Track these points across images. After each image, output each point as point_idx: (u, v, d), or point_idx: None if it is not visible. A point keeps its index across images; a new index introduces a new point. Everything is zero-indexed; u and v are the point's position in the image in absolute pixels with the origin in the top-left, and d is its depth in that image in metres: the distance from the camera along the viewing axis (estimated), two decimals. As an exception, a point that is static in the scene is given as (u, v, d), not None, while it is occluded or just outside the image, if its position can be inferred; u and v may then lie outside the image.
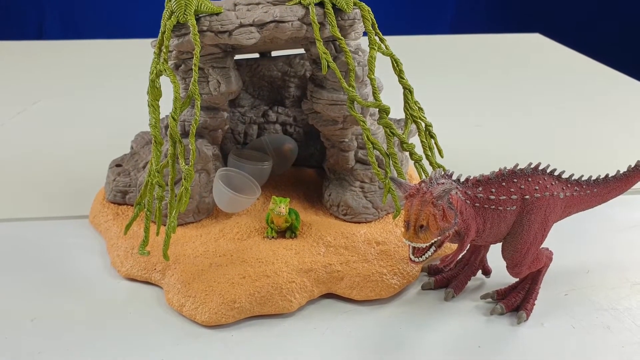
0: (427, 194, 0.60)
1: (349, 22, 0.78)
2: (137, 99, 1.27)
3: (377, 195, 0.83)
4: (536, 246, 0.68)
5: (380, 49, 0.78)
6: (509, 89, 1.52)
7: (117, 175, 0.89)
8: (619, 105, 1.40)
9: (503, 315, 0.71)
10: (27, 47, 1.86)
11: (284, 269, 0.73)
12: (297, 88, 0.95)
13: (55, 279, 0.77)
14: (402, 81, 0.79)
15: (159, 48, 0.75)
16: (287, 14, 0.76)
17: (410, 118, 0.78)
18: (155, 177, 0.73)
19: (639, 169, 0.74)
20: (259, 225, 0.81)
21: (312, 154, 0.96)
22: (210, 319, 0.69)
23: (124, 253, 0.79)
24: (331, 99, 0.80)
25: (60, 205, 0.94)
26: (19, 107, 1.34)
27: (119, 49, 1.82)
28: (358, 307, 0.73)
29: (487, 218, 0.66)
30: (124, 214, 0.87)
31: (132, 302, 0.74)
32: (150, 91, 0.75)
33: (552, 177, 0.69)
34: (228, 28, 0.75)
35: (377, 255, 0.76)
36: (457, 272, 0.76)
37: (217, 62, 0.80)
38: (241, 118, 0.95)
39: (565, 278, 0.78)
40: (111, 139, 1.13)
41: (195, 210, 0.83)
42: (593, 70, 1.67)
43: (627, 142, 1.19)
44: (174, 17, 0.74)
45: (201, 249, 0.78)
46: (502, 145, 1.19)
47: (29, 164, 1.08)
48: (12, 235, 0.87)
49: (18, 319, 0.70)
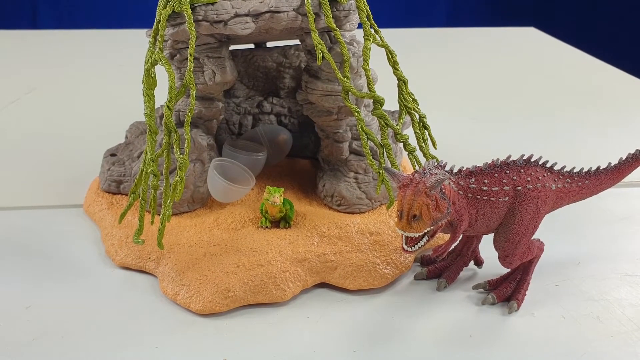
0: (420, 184, 0.60)
1: (344, 13, 0.78)
2: (131, 89, 1.27)
3: (371, 186, 0.83)
4: (528, 237, 0.68)
5: (375, 40, 0.78)
6: (503, 82, 1.53)
7: (111, 165, 0.90)
8: (612, 99, 1.41)
9: (494, 305, 0.72)
10: (21, 36, 1.86)
11: (277, 259, 0.74)
12: (291, 79, 0.96)
13: (49, 267, 0.77)
14: (396, 72, 0.79)
15: (154, 37, 0.75)
16: (282, 5, 0.76)
17: (405, 109, 0.79)
18: (150, 166, 0.73)
19: (630, 162, 0.75)
20: (253, 215, 0.82)
21: (306, 145, 0.96)
22: (204, 307, 0.69)
23: (119, 242, 0.79)
24: (326, 90, 0.80)
25: (54, 194, 0.94)
26: (12, 96, 1.34)
27: (113, 39, 1.81)
28: (351, 296, 0.74)
29: (479, 209, 0.66)
30: (118, 203, 0.87)
31: (127, 290, 0.74)
32: (145, 80, 0.75)
33: (544, 169, 0.69)
34: (223, 18, 0.75)
35: (370, 245, 0.77)
36: (450, 262, 0.76)
37: (212, 52, 0.80)
38: (236, 109, 0.95)
39: (556, 269, 0.78)
40: (105, 128, 1.13)
41: (189, 199, 0.83)
42: (586, 64, 1.67)
43: (619, 135, 1.20)
44: (169, 6, 0.74)
45: (195, 238, 0.78)
46: (496, 138, 1.19)
47: (24, 152, 1.08)
48: (7, 223, 0.87)
49: (13, 306, 0.71)
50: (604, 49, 1.78)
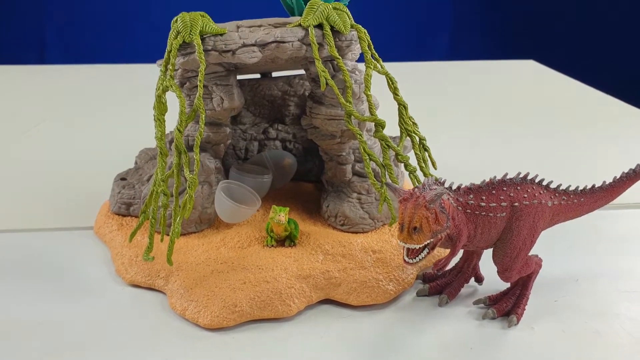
0: (420, 197, 0.63)
1: (346, 43, 0.82)
2: (138, 120, 1.32)
3: (373, 207, 0.86)
4: (525, 251, 0.71)
5: (376, 67, 0.82)
6: (502, 109, 1.57)
7: (121, 188, 0.93)
8: (608, 126, 1.45)
9: (495, 320, 0.73)
10: (29, 71, 1.91)
11: (283, 275, 0.76)
12: (296, 107, 0.99)
13: (61, 285, 0.80)
14: (397, 98, 0.82)
15: (165, 66, 0.79)
16: (287, 35, 0.80)
17: (405, 132, 0.81)
18: (160, 185, 0.76)
19: (623, 180, 0.77)
20: (259, 234, 0.84)
21: (310, 169, 0.99)
22: (212, 321, 0.71)
23: (129, 261, 0.82)
24: (329, 114, 0.83)
25: (67, 217, 0.98)
26: (24, 127, 1.38)
27: (118, 73, 1.87)
28: (355, 312, 0.76)
29: (478, 224, 0.69)
30: (128, 224, 0.89)
31: (136, 306, 0.76)
32: (157, 106, 0.78)
33: (540, 186, 0.72)
34: (231, 47, 0.79)
35: (373, 262, 0.79)
36: (451, 279, 0.78)
37: (220, 80, 0.83)
38: (242, 135, 0.98)
39: (555, 286, 0.80)
40: (115, 155, 1.16)
41: (197, 220, 0.86)
42: (584, 94, 1.72)
43: (613, 157, 1.23)
44: (180, 37, 0.78)
45: (203, 256, 0.81)
46: (495, 163, 1.22)
47: (38, 178, 1.12)
48: (21, 245, 0.90)
49: (26, 322, 0.73)
50: (601, 80, 1.83)
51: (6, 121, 1.43)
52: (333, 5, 0.81)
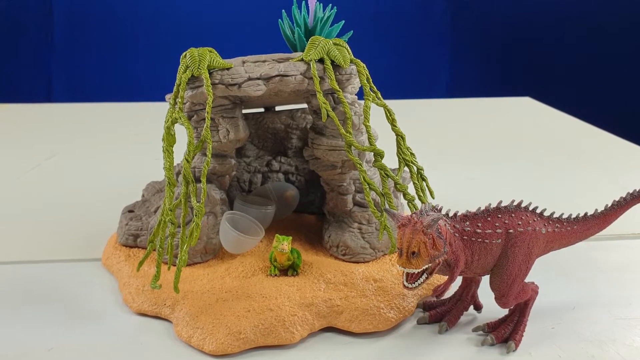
0: (418, 223, 0.65)
1: (345, 77, 0.85)
2: (144, 155, 1.35)
3: (374, 236, 0.88)
4: (521, 277, 0.73)
5: (375, 100, 0.85)
6: (500, 146, 1.60)
7: (129, 220, 0.95)
8: (599, 158, 1.49)
9: (493, 346, 0.75)
10: (37, 109, 1.96)
11: (286, 303, 0.78)
12: (298, 139, 1.02)
13: (70, 313, 0.82)
14: (394, 129, 0.85)
15: (174, 99, 0.82)
16: (290, 69, 0.83)
17: (403, 162, 0.84)
18: (168, 215, 0.78)
19: (615, 209, 0.80)
20: (262, 264, 0.86)
21: (312, 201, 1.02)
22: (217, 348, 0.73)
23: (136, 290, 0.84)
24: (330, 145, 0.86)
25: (75, 248, 1.00)
26: (32, 163, 1.42)
27: (123, 111, 1.91)
28: (357, 339, 0.77)
29: (474, 250, 0.71)
30: (135, 255, 0.92)
31: (143, 334, 0.78)
32: (166, 138, 0.81)
33: (534, 214, 0.74)
34: (237, 81, 0.82)
35: (374, 291, 0.81)
36: (451, 307, 0.80)
37: (226, 113, 0.87)
38: (246, 167, 1.01)
39: (552, 313, 0.82)
40: (122, 189, 1.19)
41: (202, 251, 0.88)
42: (578, 129, 1.76)
43: (606, 192, 1.26)
44: (189, 71, 0.81)
45: (208, 285, 0.83)
46: (491, 194, 1.23)
47: (47, 211, 1.15)
48: (32, 275, 0.92)
49: (36, 348, 0.75)
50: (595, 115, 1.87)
51: (16, 157, 1.46)
52: (333, 41, 0.85)
